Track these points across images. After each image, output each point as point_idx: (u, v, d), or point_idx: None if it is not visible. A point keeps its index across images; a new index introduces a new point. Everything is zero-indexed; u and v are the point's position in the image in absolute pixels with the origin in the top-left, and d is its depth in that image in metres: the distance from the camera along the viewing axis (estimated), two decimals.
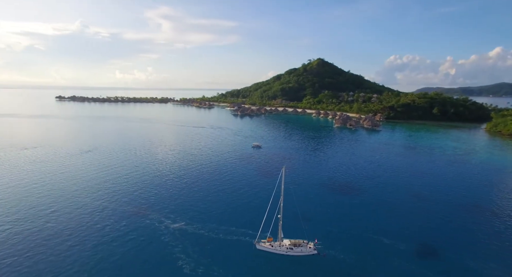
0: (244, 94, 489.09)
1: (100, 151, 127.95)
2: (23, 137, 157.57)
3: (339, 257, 51.48)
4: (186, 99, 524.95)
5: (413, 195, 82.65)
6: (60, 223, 60.82)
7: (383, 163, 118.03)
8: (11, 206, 68.68)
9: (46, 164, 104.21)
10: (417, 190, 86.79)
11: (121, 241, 54.64)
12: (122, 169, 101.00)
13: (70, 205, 70.05)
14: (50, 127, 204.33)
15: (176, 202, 73.40)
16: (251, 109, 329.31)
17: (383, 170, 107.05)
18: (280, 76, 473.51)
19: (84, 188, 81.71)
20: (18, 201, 71.41)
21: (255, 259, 50.60)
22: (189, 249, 52.01)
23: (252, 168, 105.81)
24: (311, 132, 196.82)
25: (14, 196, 74.80)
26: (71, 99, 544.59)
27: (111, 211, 66.91)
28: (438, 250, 54.75)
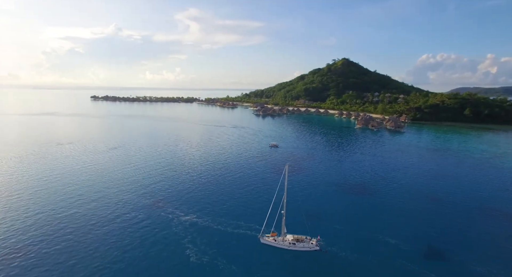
0: (268, 95, 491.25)
1: (125, 147, 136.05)
2: (59, 134, 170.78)
3: (341, 254, 52.46)
4: (210, 99, 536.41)
5: (429, 197, 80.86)
6: (86, 210, 66.68)
7: (401, 164, 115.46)
8: (45, 194, 76.06)
9: (77, 158, 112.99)
10: (434, 193, 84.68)
11: (135, 228, 59.23)
12: (144, 164, 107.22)
13: (95, 194, 76.27)
14: (83, 125, 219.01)
15: (189, 196, 77.43)
16: (273, 109, 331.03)
17: (400, 172, 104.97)
18: (303, 77, 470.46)
19: (109, 180, 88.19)
20: (50, 190, 78.84)
21: (259, 252, 52.85)
22: (197, 240, 55.38)
23: (265, 166, 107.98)
24: (331, 133, 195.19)
25: (47, 185, 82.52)
26: (104, 99, 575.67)
27: (131, 202, 72.10)
28: (444, 253, 54.00)
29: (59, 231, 57.92)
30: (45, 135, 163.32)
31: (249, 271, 46.96)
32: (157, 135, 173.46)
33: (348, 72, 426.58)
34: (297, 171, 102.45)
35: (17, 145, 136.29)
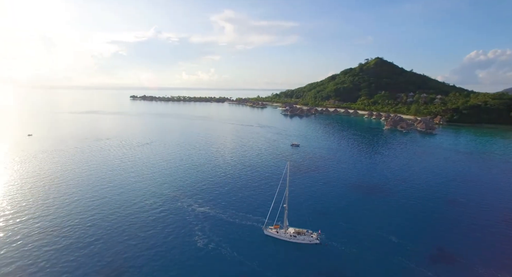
0: (298, 95, 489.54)
1: (155, 144, 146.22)
2: (98, 131, 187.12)
3: (340, 248, 54.36)
4: (241, 99, 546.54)
5: (447, 201, 78.79)
6: (114, 197, 74.74)
7: (423, 167, 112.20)
8: (81, 182, 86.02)
9: (111, 153, 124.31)
10: (453, 196, 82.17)
11: (154, 215, 65.66)
12: (169, 159, 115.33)
13: (123, 184, 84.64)
14: (121, 122, 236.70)
15: (205, 189, 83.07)
16: (300, 110, 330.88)
17: (420, 174, 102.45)
18: (335, 77, 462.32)
19: (136, 172, 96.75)
20: (85, 180, 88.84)
21: (262, 243, 56.44)
22: (206, 229, 60.33)
23: (281, 164, 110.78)
24: (357, 134, 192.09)
25: (82, 175, 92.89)
26: (142, 98, 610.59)
27: (153, 192, 79.21)
28: (446, 255, 53.64)
29: (92, 212, 65.99)
30: (87, 132, 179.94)
31: (249, 258, 50.69)
32: (185, 133, 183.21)
33: (381, 72, 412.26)
34: (313, 170, 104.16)
35: (63, 139, 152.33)
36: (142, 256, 50.75)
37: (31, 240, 55.10)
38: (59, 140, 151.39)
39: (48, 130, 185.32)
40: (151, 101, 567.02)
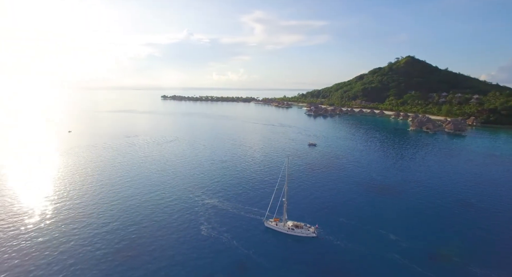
0: (324, 95, 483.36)
1: (179, 141, 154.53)
2: (128, 128, 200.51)
3: (336, 242, 56.45)
4: (267, 99, 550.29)
5: (458, 203, 76.99)
6: (135, 187, 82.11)
7: (443, 168, 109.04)
8: (107, 174, 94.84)
9: (137, 148, 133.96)
10: (468, 199, 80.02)
11: (167, 204, 71.69)
12: (187, 155, 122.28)
13: (144, 176, 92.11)
14: (149, 120, 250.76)
15: (217, 183, 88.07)
16: (324, 110, 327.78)
17: (437, 176, 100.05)
18: (362, 76, 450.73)
19: (156, 167, 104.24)
20: (112, 172, 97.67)
21: (261, 234, 60.02)
22: (212, 219, 65.04)
23: (294, 162, 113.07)
24: (378, 134, 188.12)
25: (110, 168, 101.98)
26: (172, 98, 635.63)
27: (170, 185, 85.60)
28: (443, 255, 53.72)
29: (115, 198, 73.48)
30: (118, 129, 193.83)
31: (246, 247, 54.40)
32: (206, 131, 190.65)
33: (412, 71, 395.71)
34: (324, 168, 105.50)
35: (97, 135, 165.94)
36: (151, 237, 56.52)
37: (61, 218, 63.24)
38: (94, 136, 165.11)
39: (86, 127, 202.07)
40: (181, 101, 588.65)
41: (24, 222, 62.63)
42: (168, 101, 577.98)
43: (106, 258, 50.19)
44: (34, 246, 53.61)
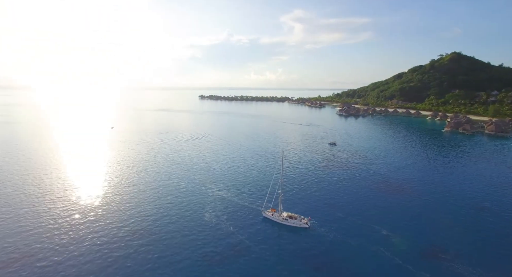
0: (360, 95, 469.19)
1: (206, 138, 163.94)
2: (163, 126, 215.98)
3: (326, 234, 59.23)
4: (302, 99, 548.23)
5: (473, 207, 74.30)
6: (156, 178, 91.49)
7: (468, 171, 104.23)
8: (137, 166, 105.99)
9: (166, 145, 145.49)
10: (483, 203, 76.93)
11: (181, 193, 79.40)
12: (208, 151, 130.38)
13: (166, 169, 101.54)
14: (182, 119, 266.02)
15: (230, 177, 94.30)
16: (356, 110, 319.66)
17: (459, 178, 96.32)
18: (401, 75, 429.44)
19: (177, 160, 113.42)
20: (141, 165, 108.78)
21: (258, 222, 64.61)
22: (217, 207, 71.13)
23: (309, 160, 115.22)
24: (407, 135, 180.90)
25: (140, 161, 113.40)
26: (209, 98, 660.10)
27: (187, 177, 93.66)
28: (436, 254, 53.97)
29: (137, 187, 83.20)
30: (154, 126, 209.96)
31: (241, 233, 59.47)
32: (232, 129, 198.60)
33: (457, 68, 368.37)
34: (337, 167, 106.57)
35: (135, 132, 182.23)
36: (159, 220, 64.09)
37: (92, 200, 73.92)
38: (132, 132, 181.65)
39: (126, 124, 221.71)
40: (217, 100, 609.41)
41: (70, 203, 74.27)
42: (205, 100, 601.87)
43: (130, 229, 58.72)
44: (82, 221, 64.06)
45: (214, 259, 50.61)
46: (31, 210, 69.04)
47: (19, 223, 62.58)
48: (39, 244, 54.93)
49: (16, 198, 75.63)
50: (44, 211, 68.82)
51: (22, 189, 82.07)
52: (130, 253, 52.12)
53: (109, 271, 47.38)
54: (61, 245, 54.69)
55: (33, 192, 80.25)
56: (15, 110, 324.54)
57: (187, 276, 46.60)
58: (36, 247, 53.92)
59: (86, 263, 49.39)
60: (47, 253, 51.98)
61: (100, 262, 49.67)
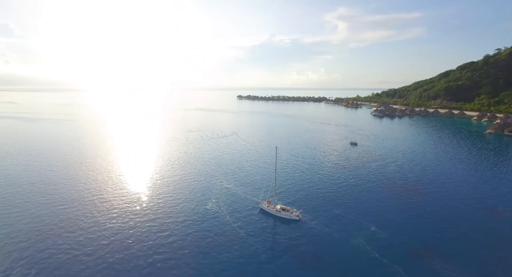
0: (401, 94, 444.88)
1: (231, 136, 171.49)
2: (194, 124, 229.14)
3: (315, 226, 61.84)
4: (339, 99, 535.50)
5: (484, 209, 71.04)
6: (174, 170, 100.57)
7: (487, 174, 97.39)
8: (164, 161, 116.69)
9: (193, 142, 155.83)
10: (494, 205, 72.84)
11: (192, 184, 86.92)
12: (231, 147, 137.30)
13: (185, 164, 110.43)
14: (215, 117, 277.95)
15: (240, 172, 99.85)
16: (391, 110, 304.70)
17: (475, 180, 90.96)
18: (448, 73, 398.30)
19: (198, 156, 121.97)
20: (166, 159, 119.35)
21: (253, 213, 69.13)
22: (220, 198, 76.98)
23: (324, 158, 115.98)
24: (440, 136, 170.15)
25: (167, 156, 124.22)
26: (246, 98, 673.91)
27: (199, 169, 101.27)
28: (417, 252, 53.81)
29: (159, 179, 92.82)
30: (183, 125, 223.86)
31: (235, 221, 64.50)
32: (260, 128, 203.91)
33: None
34: (349, 165, 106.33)
35: (167, 129, 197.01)
36: (163, 208, 71.78)
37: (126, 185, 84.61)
38: (167, 130, 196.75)
39: (164, 122, 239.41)
40: (254, 100, 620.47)
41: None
42: (243, 100, 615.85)
43: (146, 210, 67.42)
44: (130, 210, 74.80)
45: (205, 242, 56.29)
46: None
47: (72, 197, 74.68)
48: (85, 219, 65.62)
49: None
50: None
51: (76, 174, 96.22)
52: (133, 227, 60.12)
53: (114, 239, 55.54)
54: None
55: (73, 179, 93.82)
56: (72, 110, 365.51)
57: (180, 253, 52.88)
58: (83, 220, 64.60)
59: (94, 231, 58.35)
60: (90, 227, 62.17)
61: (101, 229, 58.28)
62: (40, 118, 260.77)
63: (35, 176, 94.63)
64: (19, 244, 55.42)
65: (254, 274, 47.36)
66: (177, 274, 47.17)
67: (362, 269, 48.24)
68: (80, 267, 48.66)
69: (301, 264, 49.76)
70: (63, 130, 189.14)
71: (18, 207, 71.67)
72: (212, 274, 47.11)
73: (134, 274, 46.99)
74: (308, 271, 47.78)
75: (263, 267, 48.86)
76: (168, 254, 52.35)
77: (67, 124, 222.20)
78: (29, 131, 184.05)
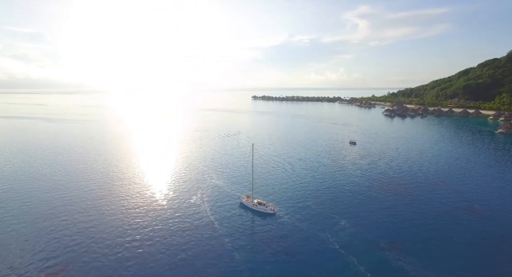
0: (418, 94, 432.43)
1: (236, 136, 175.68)
2: (202, 124, 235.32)
3: (287, 219, 64.39)
4: (354, 99, 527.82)
5: (465, 208, 70.72)
6: (174, 168, 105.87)
7: (480, 173, 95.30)
8: (166, 158, 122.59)
9: (199, 141, 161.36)
10: (475, 203, 72.19)
11: (183, 180, 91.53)
12: (230, 146, 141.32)
13: (183, 162, 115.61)
14: (224, 117, 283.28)
15: (234, 170, 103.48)
16: (403, 110, 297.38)
17: (461, 179, 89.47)
18: (468, 71, 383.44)
19: (198, 155, 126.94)
20: (172, 157, 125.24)
21: (233, 207, 72.41)
22: (206, 194, 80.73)
23: (311, 156, 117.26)
24: (446, 135, 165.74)
25: (172, 155, 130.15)
26: (261, 98, 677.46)
27: (197, 166, 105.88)
28: (380, 246, 55.07)
29: (155, 171, 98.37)
30: (193, 124, 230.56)
31: (213, 214, 68.17)
32: (266, 127, 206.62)
33: None
34: (339, 163, 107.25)
35: (178, 128, 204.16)
36: (149, 201, 76.61)
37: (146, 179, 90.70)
38: (177, 129, 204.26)
39: (175, 123, 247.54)
40: (268, 101, 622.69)
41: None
42: (257, 101, 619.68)
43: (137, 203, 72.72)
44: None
45: (183, 231, 60.37)
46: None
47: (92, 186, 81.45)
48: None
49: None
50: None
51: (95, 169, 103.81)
52: (123, 217, 65.16)
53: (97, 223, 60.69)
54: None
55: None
56: (91, 111, 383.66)
57: (160, 240, 57.17)
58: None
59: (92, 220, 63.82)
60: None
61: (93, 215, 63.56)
62: (63, 119, 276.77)
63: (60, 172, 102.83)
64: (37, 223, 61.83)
65: (218, 260, 50.65)
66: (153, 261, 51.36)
67: (318, 259, 50.36)
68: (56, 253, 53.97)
69: (264, 253, 52.52)
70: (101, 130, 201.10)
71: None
72: (185, 265, 50.84)
73: (107, 257, 51.59)
74: (268, 260, 50.41)
75: (229, 256, 52.08)
76: (146, 241, 56.79)
77: (92, 124, 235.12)
78: (56, 132, 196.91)
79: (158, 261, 50.21)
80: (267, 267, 48.43)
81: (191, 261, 50.33)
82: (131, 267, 48.72)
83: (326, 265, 48.70)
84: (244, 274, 46.90)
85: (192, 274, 47.22)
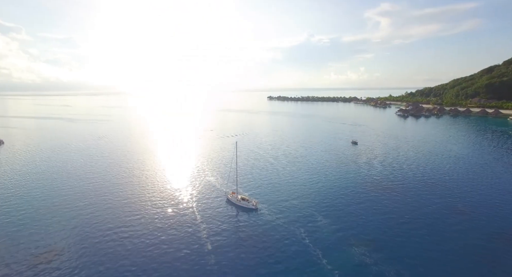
0: (437, 93, 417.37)
1: (242, 136, 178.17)
2: (210, 123, 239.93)
3: (268, 215, 65.85)
4: (370, 99, 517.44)
5: (453, 209, 69.32)
6: (174, 166, 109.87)
7: (477, 172, 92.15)
8: (169, 157, 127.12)
9: (203, 141, 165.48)
10: (458, 204, 70.51)
11: (180, 177, 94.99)
12: (234, 146, 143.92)
13: (187, 159, 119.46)
14: (233, 117, 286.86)
15: (223, 166, 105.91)
16: (418, 109, 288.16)
17: (458, 176, 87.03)
18: (492, 69, 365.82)
19: (198, 154, 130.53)
20: (174, 156, 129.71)
21: (220, 203, 74.68)
22: (195, 189, 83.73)
23: (307, 154, 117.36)
24: (454, 135, 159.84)
25: (177, 154, 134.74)
26: (277, 98, 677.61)
27: (195, 166, 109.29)
28: (354, 243, 55.35)
29: (162, 173, 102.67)
30: (200, 124, 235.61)
31: (199, 210, 70.77)
32: (273, 128, 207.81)
33: None
34: (332, 163, 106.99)
35: (184, 130, 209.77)
36: (144, 196, 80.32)
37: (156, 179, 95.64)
38: (185, 130, 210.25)
39: (185, 123, 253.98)
40: (283, 101, 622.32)
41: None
42: (273, 101, 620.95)
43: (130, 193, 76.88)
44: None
45: (170, 224, 63.38)
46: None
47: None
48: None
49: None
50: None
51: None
52: (113, 211, 69.12)
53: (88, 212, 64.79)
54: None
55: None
56: (113, 111, 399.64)
57: (146, 232, 60.48)
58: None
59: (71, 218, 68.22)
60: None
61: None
62: (87, 119, 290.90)
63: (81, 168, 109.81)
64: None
65: (192, 252, 53.03)
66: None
67: (285, 252, 51.57)
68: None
69: (237, 247, 54.38)
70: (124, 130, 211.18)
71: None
72: (164, 262, 53.72)
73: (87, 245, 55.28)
74: (239, 254, 52.16)
75: (205, 251, 54.39)
76: (135, 232, 60.22)
77: (114, 124, 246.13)
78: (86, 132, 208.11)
79: (138, 253, 53.35)
80: (238, 262, 50.19)
81: (169, 252, 53.09)
82: (111, 254, 52.05)
83: (294, 262, 49.70)
84: (214, 268, 48.92)
85: (169, 259, 49.86)
